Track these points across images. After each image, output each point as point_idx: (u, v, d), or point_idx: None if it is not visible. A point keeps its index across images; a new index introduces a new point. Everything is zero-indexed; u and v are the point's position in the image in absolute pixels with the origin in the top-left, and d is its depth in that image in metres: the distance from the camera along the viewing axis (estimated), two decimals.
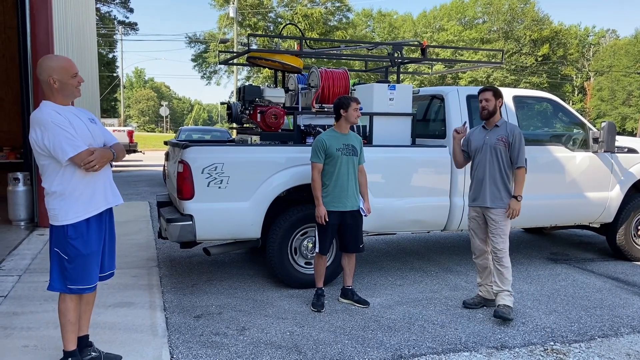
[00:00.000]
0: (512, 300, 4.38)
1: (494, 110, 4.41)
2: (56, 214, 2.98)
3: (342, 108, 4.40)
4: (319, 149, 4.34)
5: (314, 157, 4.37)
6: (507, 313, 4.26)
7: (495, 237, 4.37)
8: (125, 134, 18.42)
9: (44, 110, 2.95)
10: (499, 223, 4.36)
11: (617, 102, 48.74)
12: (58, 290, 3.06)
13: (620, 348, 3.85)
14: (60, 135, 2.87)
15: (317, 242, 4.49)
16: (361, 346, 3.76)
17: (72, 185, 2.98)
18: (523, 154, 4.35)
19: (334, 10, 41.09)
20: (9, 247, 6.14)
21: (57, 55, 3.12)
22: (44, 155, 2.94)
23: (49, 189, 2.99)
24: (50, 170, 2.97)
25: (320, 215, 4.35)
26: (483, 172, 4.42)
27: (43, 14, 6.93)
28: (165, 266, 5.73)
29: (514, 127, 4.40)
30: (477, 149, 4.49)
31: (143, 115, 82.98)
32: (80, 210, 3.01)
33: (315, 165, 4.36)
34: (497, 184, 4.36)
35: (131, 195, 11.24)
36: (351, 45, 7.05)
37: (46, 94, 3.00)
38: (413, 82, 38.09)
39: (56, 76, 2.95)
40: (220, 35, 36.93)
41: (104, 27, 38.72)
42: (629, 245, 6.27)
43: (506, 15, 49.77)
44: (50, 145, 2.87)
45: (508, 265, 4.37)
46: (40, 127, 2.88)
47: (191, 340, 3.79)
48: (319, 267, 4.56)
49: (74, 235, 2.99)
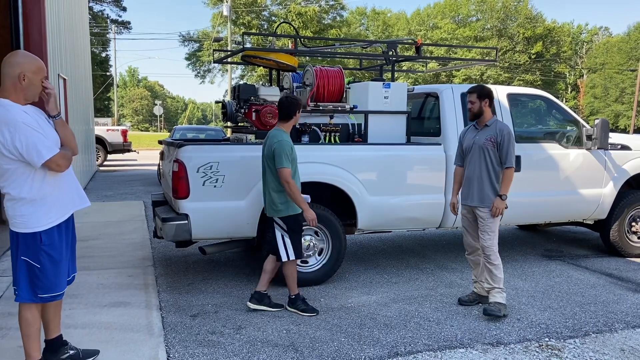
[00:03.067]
0: (503, 297, 4.41)
1: (479, 111, 4.44)
2: (26, 220, 2.83)
3: (298, 109, 4.25)
4: (288, 154, 4.09)
5: (285, 162, 4.06)
6: (497, 310, 4.28)
7: (482, 234, 4.43)
8: (119, 133, 18.35)
9: (9, 109, 2.74)
10: (486, 221, 4.41)
11: (610, 99, 49.01)
12: (28, 301, 2.94)
13: (614, 343, 3.88)
14: (33, 137, 2.72)
15: (289, 248, 4.25)
16: (357, 344, 3.77)
17: (44, 189, 2.85)
18: (512, 154, 4.34)
19: (328, 8, 41.09)
20: (3, 248, 6.11)
21: (31, 54, 2.92)
22: (11, 158, 2.74)
23: (17, 194, 2.81)
24: (17, 175, 2.79)
25: (313, 218, 4.16)
26: (472, 172, 4.49)
27: (36, 13, 6.88)
28: (161, 265, 5.72)
29: (503, 127, 4.39)
30: (467, 149, 4.56)
31: (137, 115, 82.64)
32: (52, 216, 2.90)
33: (289, 171, 4.08)
34: (484, 184, 4.41)
35: (126, 195, 11.20)
36: (346, 44, 7.04)
37: (5, 90, 2.79)
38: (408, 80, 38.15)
39: (28, 74, 2.79)
40: (214, 33, 36.83)
41: (96, 25, 38.53)
42: (622, 241, 6.31)
43: (500, 13, 49.92)
44: (23, 147, 2.71)
45: (497, 262, 4.40)
46: (8, 127, 2.69)
47: (187, 339, 3.79)
48: (293, 273, 4.34)
49: (48, 241, 2.88)
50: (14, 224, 2.88)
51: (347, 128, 5.43)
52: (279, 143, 4.11)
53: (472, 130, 4.57)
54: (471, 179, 4.49)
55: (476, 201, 4.43)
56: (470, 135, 4.56)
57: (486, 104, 4.44)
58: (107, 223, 7.83)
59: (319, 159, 4.97)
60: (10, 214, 2.87)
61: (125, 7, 42.29)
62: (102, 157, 18.15)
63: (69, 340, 3.39)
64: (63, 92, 9.43)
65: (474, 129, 4.56)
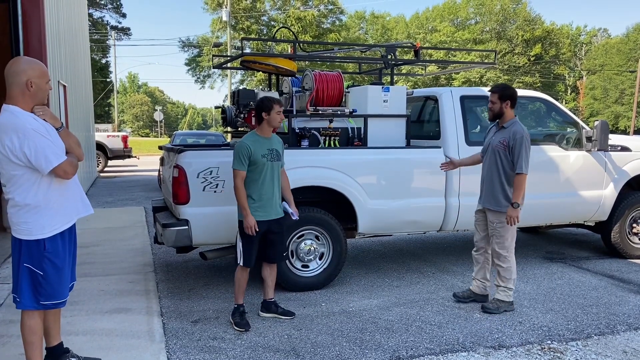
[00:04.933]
0: (508, 296, 4.46)
1: (499, 112, 4.39)
2: (30, 227, 2.83)
3: (263, 111, 4.03)
4: (243, 156, 3.95)
5: (237, 164, 3.97)
6: (495, 308, 4.41)
7: (492, 238, 4.49)
8: (120, 139, 18.39)
9: (18, 116, 2.76)
10: (495, 224, 4.43)
11: (610, 100, 49.04)
12: (30, 308, 2.92)
13: (616, 345, 3.87)
14: (42, 144, 2.74)
15: (241, 254, 4.13)
16: (359, 348, 3.76)
17: (49, 196, 2.85)
18: (524, 160, 4.22)
19: (327, 12, 41.21)
20: (4, 255, 6.11)
21: (32, 58, 2.92)
22: (19, 164, 2.76)
23: (22, 201, 2.81)
24: (23, 181, 2.80)
25: (250, 226, 3.96)
26: (485, 173, 4.53)
27: (35, 20, 6.90)
28: (162, 271, 5.71)
29: (517, 131, 4.28)
30: (484, 148, 4.58)
31: (137, 120, 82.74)
32: (57, 223, 2.90)
33: (239, 173, 3.97)
34: (495, 187, 4.41)
35: (126, 201, 11.21)
36: (344, 48, 7.06)
37: (13, 97, 2.80)
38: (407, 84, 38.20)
39: (35, 79, 2.80)
40: (213, 39, 36.93)
41: (96, 32, 38.64)
42: (623, 242, 6.30)
43: (498, 16, 50.03)
44: (32, 154, 2.72)
45: (506, 265, 4.45)
46: (17, 134, 2.70)
47: (189, 345, 3.79)
48: (241, 281, 4.17)
49: (51, 248, 2.87)
50: (18, 231, 2.87)
51: (346, 132, 5.44)
52: (237, 144, 4.02)
53: (493, 131, 4.55)
54: (484, 180, 4.53)
55: (486, 203, 4.48)
56: (490, 135, 4.56)
57: (507, 105, 4.36)
58: (108, 229, 7.83)
59: (319, 163, 4.97)
60: (14, 220, 2.86)
61: (125, 13, 42.46)
62: (103, 163, 18.18)
63: (70, 347, 3.39)
64: (63, 98, 9.45)
65: (495, 128, 4.53)
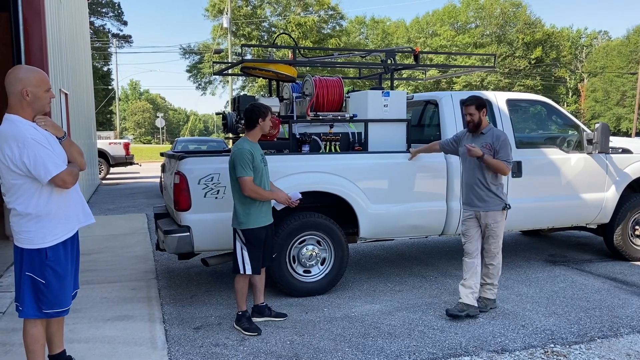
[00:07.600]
0: (493, 293, 4.64)
1: (479, 122, 4.50)
2: (32, 236, 2.84)
3: (260, 117, 4.10)
4: (247, 161, 3.96)
5: (243, 171, 3.96)
6: (484, 307, 4.58)
7: (489, 239, 4.54)
8: (122, 146, 18.44)
9: (18, 125, 2.77)
10: (491, 225, 4.48)
11: (611, 102, 48.99)
12: (32, 317, 2.94)
13: (620, 348, 3.86)
14: (41, 153, 2.74)
15: (247, 262, 4.12)
16: (361, 353, 3.75)
17: (50, 205, 2.86)
18: (508, 154, 4.42)
19: (327, 18, 41.35)
20: (7, 263, 6.12)
21: (31, 67, 2.94)
22: (19, 174, 2.77)
23: (23, 210, 2.82)
24: (23, 190, 2.81)
25: (285, 198, 4.21)
26: (468, 178, 4.58)
27: (37, 29, 6.94)
28: (164, 278, 5.71)
29: (500, 134, 4.48)
30: (463, 154, 4.62)
31: (139, 127, 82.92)
32: (58, 232, 2.91)
33: (248, 180, 3.98)
34: (481, 190, 4.48)
35: (128, 208, 11.22)
36: (345, 53, 7.08)
37: (13, 106, 2.82)
38: (407, 88, 38.21)
39: (30, 88, 2.80)
40: (214, 45, 37.05)
41: (98, 40, 38.83)
42: (626, 245, 6.29)
43: (498, 19, 50.09)
44: (31, 163, 2.73)
45: (496, 262, 4.58)
46: (17, 143, 2.71)
47: (191, 351, 3.78)
48: (243, 288, 4.20)
49: (53, 257, 2.89)
50: (20, 240, 2.88)
51: (347, 137, 5.45)
52: (237, 151, 4.02)
53: (468, 137, 4.63)
54: (470, 185, 4.55)
55: (477, 207, 4.51)
56: (466, 142, 4.60)
57: (484, 113, 4.52)
58: (110, 236, 7.84)
59: (320, 169, 4.97)
60: (16, 229, 2.87)
61: (126, 21, 42.74)
62: (105, 171, 18.22)
63: (73, 355, 3.39)
64: (65, 106, 9.49)
65: (470, 135, 4.62)
